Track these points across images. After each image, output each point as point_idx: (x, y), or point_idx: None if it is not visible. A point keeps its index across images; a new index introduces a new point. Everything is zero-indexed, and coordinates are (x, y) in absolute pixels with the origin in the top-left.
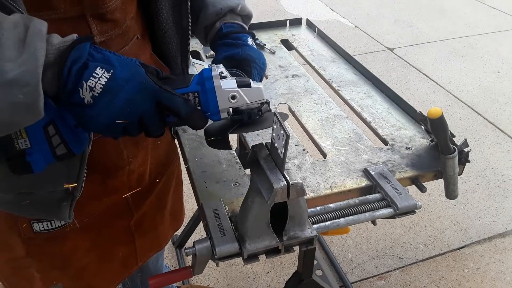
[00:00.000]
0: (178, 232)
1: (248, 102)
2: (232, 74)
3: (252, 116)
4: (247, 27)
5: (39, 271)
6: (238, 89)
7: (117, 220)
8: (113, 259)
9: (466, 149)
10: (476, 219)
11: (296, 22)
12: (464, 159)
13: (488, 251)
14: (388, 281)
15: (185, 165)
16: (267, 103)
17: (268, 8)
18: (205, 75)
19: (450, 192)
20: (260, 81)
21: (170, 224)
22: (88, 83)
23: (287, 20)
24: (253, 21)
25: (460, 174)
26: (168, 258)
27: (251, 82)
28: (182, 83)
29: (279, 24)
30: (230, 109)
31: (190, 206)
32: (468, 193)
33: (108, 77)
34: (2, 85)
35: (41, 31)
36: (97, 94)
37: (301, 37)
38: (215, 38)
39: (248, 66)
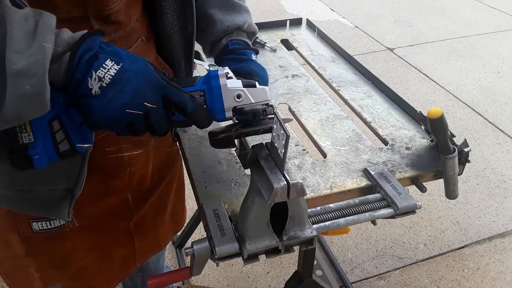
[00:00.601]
0: (178, 232)
1: (253, 101)
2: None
3: (256, 116)
4: (251, 43)
5: (38, 270)
6: (244, 88)
7: (116, 221)
8: (113, 260)
9: (466, 149)
10: (476, 219)
11: (296, 22)
12: (464, 159)
13: (488, 251)
14: (388, 281)
15: (185, 165)
16: (272, 106)
17: (268, 8)
18: (212, 74)
19: (450, 192)
20: None
21: (170, 226)
22: (97, 73)
23: (287, 20)
24: (253, 21)
25: (460, 174)
26: (168, 258)
27: (256, 83)
28: (188, 83)
29: (279, 24)
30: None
31: (190, 206)
32: (468, 193)
33: (118, 69)
34: (10, 76)
35: (50, 25)
36: (105, 85)
37: (301, 37)
38: (220, 54)
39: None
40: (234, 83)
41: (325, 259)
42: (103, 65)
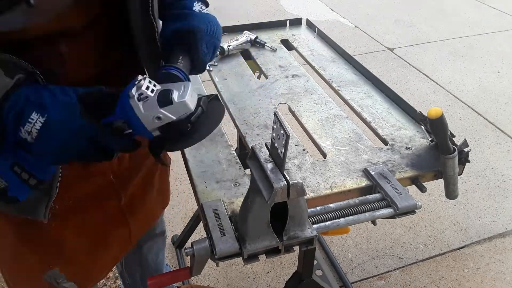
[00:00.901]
0: (178, 233)
1: (174, 118)
2: (165, 77)
3: (183, 130)
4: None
5: (33, 256)
6: (160, 109)
7: (104, 202)
8: (107, 242)
9: (466, 149)
10: (476, 219)
11: (296, 22)
12: (464, 159)
13: (488, 251)
14: (388, 281)
15: (185, 165)
16: (201, 98)
17: (268, 8)
18: (123, 101)
19: (450, 192)
20: (214, 51)
21: (158, 202)
22: (25, 128)
23: (287, 20)
24: (253, 21)
25: (460, 174)
26: (168, 258)
27: (174, 95)
28: (112, 105)
29: (279, 24)
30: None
31: (190, 206)
32: (468, 193)
33: (43, 121)
34: None
35: None
36: (34, 137)
37: (301, 37)
38: (161, 11)
39: (195, 39)
40: (149, 107)
41: (325, 259)
42: (29, 120)
